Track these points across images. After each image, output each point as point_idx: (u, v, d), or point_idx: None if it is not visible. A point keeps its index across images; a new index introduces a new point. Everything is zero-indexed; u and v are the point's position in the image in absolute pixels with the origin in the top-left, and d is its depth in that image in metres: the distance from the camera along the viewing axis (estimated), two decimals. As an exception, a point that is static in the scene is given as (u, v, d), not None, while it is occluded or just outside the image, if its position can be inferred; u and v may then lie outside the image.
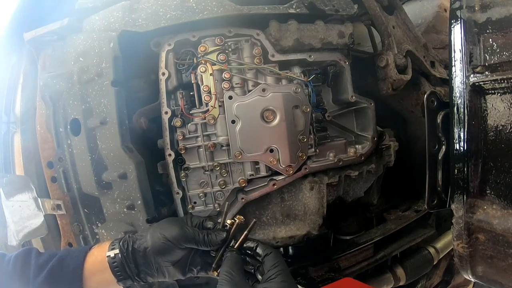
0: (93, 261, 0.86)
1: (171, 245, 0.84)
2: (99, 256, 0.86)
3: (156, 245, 0.84)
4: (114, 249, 0.85)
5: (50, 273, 0.81)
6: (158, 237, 0.84)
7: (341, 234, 1.44)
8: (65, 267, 0.82)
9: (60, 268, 0.82)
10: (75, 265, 0.83)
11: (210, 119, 1.06)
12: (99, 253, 0.87)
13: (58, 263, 0.82)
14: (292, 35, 1.08)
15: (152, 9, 1.04)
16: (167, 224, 0.88)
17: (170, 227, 0.86)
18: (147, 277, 0.88)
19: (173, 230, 0.85)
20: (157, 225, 0.90)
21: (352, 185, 1.30)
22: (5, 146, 1.33)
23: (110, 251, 0.85)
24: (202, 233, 0.87)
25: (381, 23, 1.29)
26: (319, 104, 1.21)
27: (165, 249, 0.84)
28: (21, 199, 1.16)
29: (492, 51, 0.84)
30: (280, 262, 0.80)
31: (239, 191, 1.14)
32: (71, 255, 0.86)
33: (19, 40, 1.15)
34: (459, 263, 0.98)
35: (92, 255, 0.87)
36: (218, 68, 1.06)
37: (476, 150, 0.88)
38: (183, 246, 0.86)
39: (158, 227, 0.88)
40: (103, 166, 1.05)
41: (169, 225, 0.87)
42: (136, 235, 0.88)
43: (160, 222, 0.92)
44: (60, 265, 0.82)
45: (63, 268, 0.82)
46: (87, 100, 1.05)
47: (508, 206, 0.84)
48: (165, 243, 0.84)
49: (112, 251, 0.85)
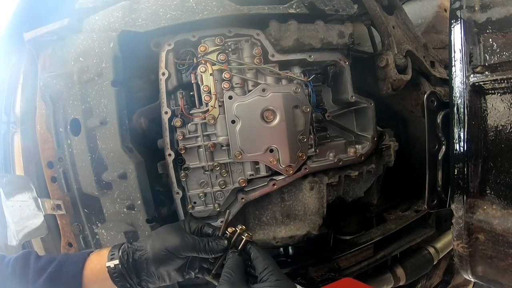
0: (93, 269, 0.85)
1: (172, 255, 0.84)
2: (98, 265, 0.85)
3: (157, 256, 0.84)
4: (114, 259, 0.84)
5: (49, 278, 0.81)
6: (158, 248, 0.84)
7: (341, 234, 1.44)
8: (64, 273, 0.82)
9: (59, 273, 0.82)
10: (74, 271, 0.83)
11: (210, 119, 1.06)
12: (98, 262, 0.86)
13: (57, 268, 0.82)
14: (292, 35, 1.08)
15: (152, 9, 1.04)
16: (166, 233, 0.88)
17: (170, 237, 0.85)
18: (148, 284, 0.88)
19: (174, 240, 0.85)
20: (157, 235, 0.88)
21: (352, 185, 1.30)
22: (5, 146, 1.32)
23: (110, 262, 0.84)
24: (202, 242, 0.86)
25: (381, 23, 1.29)
26: (319, 104, 1.21)
27: (166, 259, 0.85)
28: (21, 199, 1.16)
29: (492, 51, 0.84)
30: (270, 263, 0.81)
31: (239, 191, 1.14)
32: (70, 261, 0.85)
33: (19, 40, 1.15)
34: (459, 263, 0.98)
35: (91, 262, 0.86)
36: (218, 68, 1.06)
37: (476, 150, 0.88)
38: (184, 255, 0.86)
39: (158, 237, 0.87)
40: (103, 166, 1.05)
41: (169, 235, 0.86)
42: (136, 245, 0.87)
43: (159, 231, 0.91)
44: (59, 270, 0.82)
45: (62, 273, 0.82)
46: (87, 100, 1.05)
47: (508, 206, 0.84)
48: (166, 254, 0.84)
49: (112, 262, 0.84)
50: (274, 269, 0.79)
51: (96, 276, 0.84)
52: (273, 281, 0.75)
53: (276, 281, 0.75)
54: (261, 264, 0.81)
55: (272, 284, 0.75)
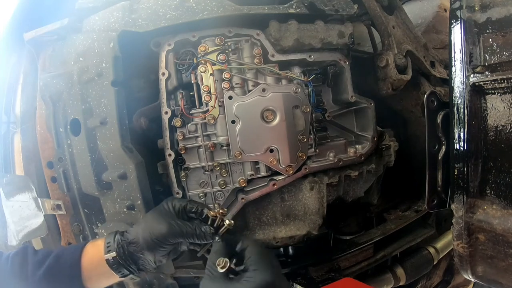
0: (90, 260, 0.88)
1: (162, 243, 0.88)
2: (96, 256, 0.88)
3: (150, 246, 0.87)
4: (111, 251, 0.88)
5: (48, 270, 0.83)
6: (149, 237, 0.87)
7: (341, 234, 1.43)
8: (62, 264, 0.85)
9: (57, 265, 0.85)
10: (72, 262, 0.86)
11: (210, 119, 1.06)
12: (95, 253, 0.89)
13: (55, 260, 0.85)
14: (292, 35, 1.08)
15: (152, 9, 1.04)
16: (154, 222, 0.90)
17: (158, 226, 0.88)
18: (146, 267, 0.92)
19: (161, 228, 0.87)
20: (145, 223, 0.90)
21: (352, 185, 1.30)
22: (5, 146, 1.33)
23: (107, 254, 0.87)
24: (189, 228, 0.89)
25: (381, 23, 1.29)
26: (319, 104, 1.21)
27: (158, 247, 0.88)
28: (21, 199, 1.16)
29: (492, 51, 0.84)
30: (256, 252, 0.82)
31: (239, 191, 1.14)
32: (67, 253, 0.88)
33: (19, 40, 1.15)
34: (459, 263, 0.98)
35: (88, 253, 0.89)
36: (218, 68, 1.06)
37: (476, 150, 0.88)
38: (173, 242, 0.90)
39: (147, 226, 0.89)
40: (103, 166, 1.05)
41: (157, 223, 0.89)
42: (128, 237, 0.89)
43: (147, 219, 0.93)
44: (57, 262, 0.85)
45: (61, 265, 0.85)
46: (87, 100, 1.05)
47: (508, 206, 0.84)
48: (158, 242, 0.87)
49: (109, 254, 0.87)
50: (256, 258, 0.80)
51: (95, 266, 0.88)
52: (251, 270, 0.77)
53: (254, 270, 0.77)
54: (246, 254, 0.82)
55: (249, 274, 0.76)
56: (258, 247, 0.84)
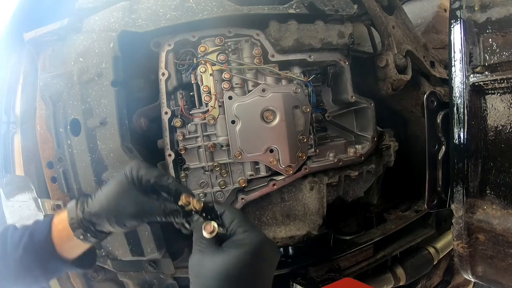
0: (60, 235, 0.86)
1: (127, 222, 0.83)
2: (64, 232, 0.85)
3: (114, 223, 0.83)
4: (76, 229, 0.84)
5: (25, 248, 0.84)
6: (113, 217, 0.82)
7: (341, 234, 1.44)
8: (36, 243, 0.85)
9: (32, 243, 0.85)
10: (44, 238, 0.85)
11: (210, 119, 1.06)
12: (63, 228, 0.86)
13: (29, 239, 0.85)
14: (292, 35, 1.08)
15: (152, 9, 1.04)
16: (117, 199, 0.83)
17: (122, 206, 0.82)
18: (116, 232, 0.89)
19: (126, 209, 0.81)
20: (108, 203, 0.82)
21: (352, 185, 1.30)
22: (5, 146, 1.32)
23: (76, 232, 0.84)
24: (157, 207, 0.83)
25: (381, 23, 1.29)
26: (319, 104, 1.21)
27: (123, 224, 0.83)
28: (21, 199, 1.16)
29: (492, 51, 0.84)
30: (236, 215, 0.79)
31: (239, 191, 1.14)
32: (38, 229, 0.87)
33: (19, 40, 1.15)
34: (459, 263, 0.98)
35: (56, 229, 0.86)
36: (218, 68, 1.06)
37: (476, 150, 0.88)
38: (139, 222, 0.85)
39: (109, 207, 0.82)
40: (103, 166, 1.05)
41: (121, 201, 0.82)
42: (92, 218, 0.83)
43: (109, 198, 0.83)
44: (31, 240, 0.85)
45: (35, 243, 0.85)
46: (87, 100, 1.05)
47: (508, 206, 0.84)
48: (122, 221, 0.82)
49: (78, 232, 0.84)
50: (240, 220, 0.77)
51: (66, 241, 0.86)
52: (241, 233, 0.75)
53: (244, 232, 0.74)
54: (227, 218, 0.79)
55: (240, 237, 0.74)
56: (235, 210, 0.83)
